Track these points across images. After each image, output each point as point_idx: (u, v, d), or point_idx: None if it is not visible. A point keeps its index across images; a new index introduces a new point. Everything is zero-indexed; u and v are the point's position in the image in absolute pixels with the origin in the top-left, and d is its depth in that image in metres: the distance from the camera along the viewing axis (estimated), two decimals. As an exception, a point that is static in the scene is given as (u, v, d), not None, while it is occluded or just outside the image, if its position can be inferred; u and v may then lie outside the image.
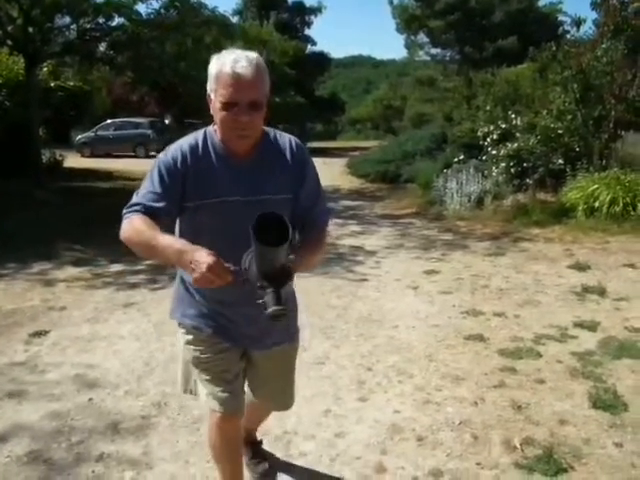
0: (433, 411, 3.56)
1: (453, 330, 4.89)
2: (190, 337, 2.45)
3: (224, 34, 20.48)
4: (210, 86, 2.12)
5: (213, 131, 2.23)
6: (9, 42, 15.23)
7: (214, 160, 2.19)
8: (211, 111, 2.15)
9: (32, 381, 4.01)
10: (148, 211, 2.08)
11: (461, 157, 13.05)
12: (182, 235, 2.19)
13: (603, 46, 11.17)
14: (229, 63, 2.04)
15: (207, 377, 2.40)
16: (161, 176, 2.14)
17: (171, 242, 1.98)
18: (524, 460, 3.02)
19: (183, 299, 2.45)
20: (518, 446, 3.15)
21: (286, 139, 2.36)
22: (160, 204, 2.10)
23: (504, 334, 4.76)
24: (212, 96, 2.12)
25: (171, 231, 2.17)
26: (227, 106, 2.06)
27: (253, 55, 2.12)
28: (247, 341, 2.39)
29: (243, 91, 2.04)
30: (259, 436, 3.12)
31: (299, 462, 3.07)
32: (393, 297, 5.83)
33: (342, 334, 4.83)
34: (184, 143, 2.23)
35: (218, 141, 2.21)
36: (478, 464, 3.02)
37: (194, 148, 2.20)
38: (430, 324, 5.05)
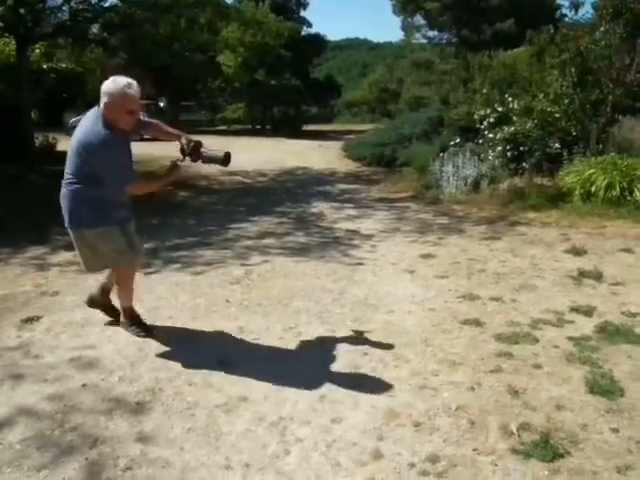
0: (429, 396, 3.55)
1: (449, 315, 4.86)
2: (101, 229, 4.07)
3: (219, 15, 20.29)
4: (113, 100, 3.72)
5: (102, 115, 3.79)
6: (0, 23, 15.06)
7: (115, 137, 3.80)
8: (111, 110, 3.76)
9: (26, 366, 3.98)
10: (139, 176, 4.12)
11: (457, 140, 12.97)
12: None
13: (601, 29, 11.10)
14: (130, 87, 3.76)
15: (115, 247, 4.13)
16: (118, 151, 3.85)
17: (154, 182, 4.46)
18: (521, 446, 3.01)
19: (96, 212, 4.04)
20: (515, 431, 3.14)
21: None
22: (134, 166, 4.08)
23: (500, 319, 4.74)
24: (113, 104, 3.73)
25: None
26: (131, 112, 3.81)
27: (134, 81, 3.80)
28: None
29: (138, 104, 3.84)
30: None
31: (295, 448, 3.05)
32: (389, 281, 5.80)
33: (338, 318, 4.80)
34: (99, 128, 3.77)
35: (109, 123, 3.78)
36: (475, 450, 3.00)
37: (105, 128, 3.75)
38: (426, 308, 5.02)
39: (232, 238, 7.79)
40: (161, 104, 33.96)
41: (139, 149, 19.00)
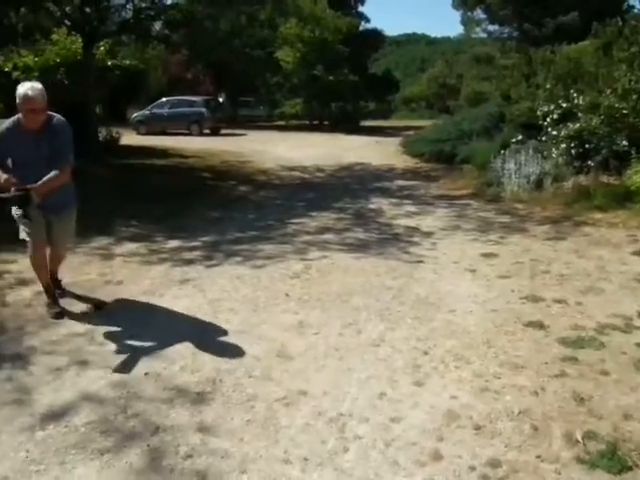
0: (491, 399, 3.48)
1: (512, 316, 4.75)
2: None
3: (278, 11, 20.42)
4: (19, 100, 4.37)
5: (20, 118, 4.49)
6: (67, 22, 15.49)
7: (21, 132, 4.49)
8: (19, 108, 4.42)
9: (90, 352, 4.09)
10: None
11: (519, 137, 12.67)
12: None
13: (674, 21, 10.69)
14: (32, 90, 4.36)
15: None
16: (9, 140, 4.49)
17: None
18: (586, 455, 2.91)
19: None
20: (580, 440, 3.04)
21: (54, 119, 4.60)
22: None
23: (565, 322, 4.61)
24: (19, 104, 4.38)
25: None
26: (32, 111, 4.39)
27: (38, 85, 4.47)
28: None
29: (38, 104, 4.40)
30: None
31: (354, 445, 3.03)
32: (450, 280, 5.71)
33: (398, 316, 4.75)
34: (7, 124, 4.54)
35: (20, 119, 4.50)
36: (538, 457, 2.93)
37: (10, 127, 4.53)
38: (488, 309, 4.93)
39: (291, 233, 7.82)
40: (220, 99, 34.40)
41: (199, 145, 19.39)
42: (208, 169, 14.87)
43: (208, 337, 4.35)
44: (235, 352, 4.08)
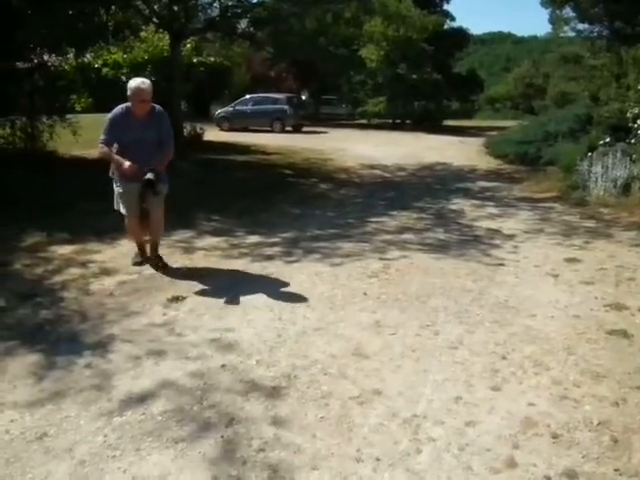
0: (570, 408, 3.38)
1: (594, 323, 4.60)
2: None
3: (363, 9, 20.42)
4: (130, 92, 5.29)
5: (128, 105, 5.38)
6: (155, 20, 15.96)
7: (129, 118, 5.38)
8: (130, 99, 5.32)
9: (169, 342, 4.19)
10: (106, 143, 5.37)
11: (607, 140, 12.21)
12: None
13: None
14: (143, 84, 5.30)
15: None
16: (109, 126, 5.39)
17: (117, 158, 5.33)
18: (670, 472, 2.78)
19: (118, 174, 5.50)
20: (663, 454, 2.91)
21: (156, 108, 5.53)
22: (110, 140, 5.38)
23: (651, 332, 4.41)
24: (131, 95, 5.29)
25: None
26: (142, 101, 5.31)
27: (147, 80, 5.39)
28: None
29: (147, 95, 5.33)
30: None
31: (427, 448, 3.00)
32: (531, 284, 5.56)
33: (477, 319, 4.67)
34: (117, 111, 5.43)
35: (132, 110, 5.37)
36: (616, 470, 2.83)
37: (121, 113, 5.41)
38: (570, 315, 4.78)
39: (371, 232, 7.77)
40: (303, 97, 34.69)
41: (281, 142, 19.58)
42: (289, 166, 15.00)
43: (285, 333, 4.38)
44: (311, 349, 4.11)
